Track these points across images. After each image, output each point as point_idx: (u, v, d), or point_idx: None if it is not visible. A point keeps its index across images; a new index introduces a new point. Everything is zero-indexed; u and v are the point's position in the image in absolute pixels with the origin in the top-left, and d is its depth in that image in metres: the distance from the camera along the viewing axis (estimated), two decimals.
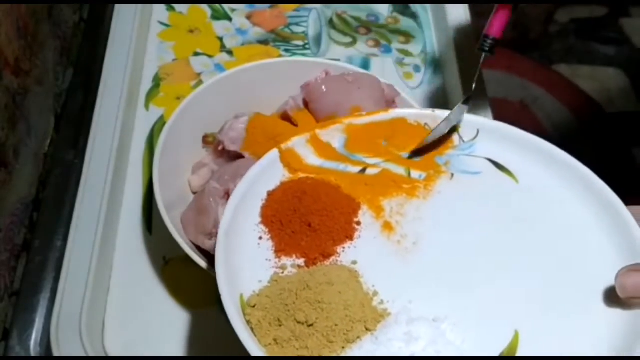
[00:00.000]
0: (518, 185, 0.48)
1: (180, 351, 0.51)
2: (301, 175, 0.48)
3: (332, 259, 0.43)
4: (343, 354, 0.38)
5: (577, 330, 0.40)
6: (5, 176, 0.54)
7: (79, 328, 0.49)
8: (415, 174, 0.49)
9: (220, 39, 0.74)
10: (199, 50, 0.72)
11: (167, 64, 0.71)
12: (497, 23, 0.53)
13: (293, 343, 0.38)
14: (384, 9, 0.78)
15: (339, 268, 0.42)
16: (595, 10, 1.55)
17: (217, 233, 0.50)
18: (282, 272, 0.42)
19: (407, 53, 0.74)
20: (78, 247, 0.53)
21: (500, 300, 0.41)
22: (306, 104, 0.58)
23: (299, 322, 0.38)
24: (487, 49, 0.53)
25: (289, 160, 0.48)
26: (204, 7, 0.77)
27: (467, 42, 0.70)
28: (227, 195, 0.51)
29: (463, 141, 0.50)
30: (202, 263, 0.48)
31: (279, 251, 0.43)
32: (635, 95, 1.40)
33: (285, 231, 0.44)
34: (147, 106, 0.67)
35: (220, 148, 0.56)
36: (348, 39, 0.75)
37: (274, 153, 0.48)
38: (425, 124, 0.51)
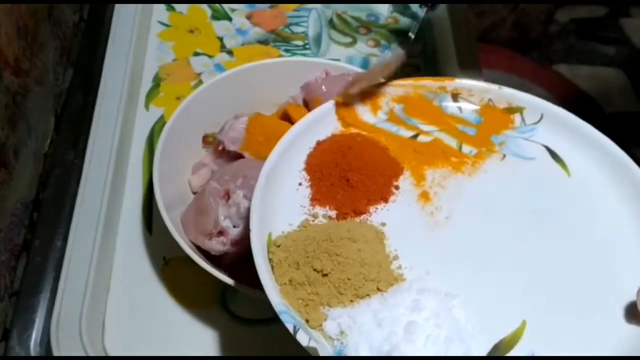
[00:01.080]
0: (569, 179, 0.47)
1: (180, 351, 0.51)
2: (353, 130, 0.49)
3: (363, 217, 0.44)
4: (349, 307, 0.39)
5: (587, 333, 0.39)
6: (5, 176, 0.54)
7: (79, 328, 0.49)
8: (466, 148, 0.49)
9: (220, 39, 0.74)
10: (199, 50, 0.72)
11: (167, 64, 0.71)
12: None
13: (306, 287, 0.40)
14: (384, 9, 0.78)
15: (366, 226, 0.43)
16: (595, 10, 1.55)
17: (217, 233, 0.50)
18: (313, 220, 0.44)
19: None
20: (78, 247, 0.53)
21: (517, 289, 0.41)
22: (306, 104, 0.58)
23: (314, 270, 0.40)
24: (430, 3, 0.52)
25: (344, 113, 0.49)
26: (204, 7, 0.77)
27: (467, 42, 0.70)
28: (227, 195, 0.51)
29: (525, 124, 0.50)
30: (202, 263, 0.48)
31: (314, 200, 0.45)
32: (635, 95, 1.40)
33: (324, 182, 0.45)
34: (147, 106, 0.67)
35: (220, 148, 0.56)
36: (348, 39, 0.75)
37: (329, 104, 0.49)
38: (489, 99, 0.51)
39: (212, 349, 0.52)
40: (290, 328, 0.38)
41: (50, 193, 0.62)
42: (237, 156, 0.55)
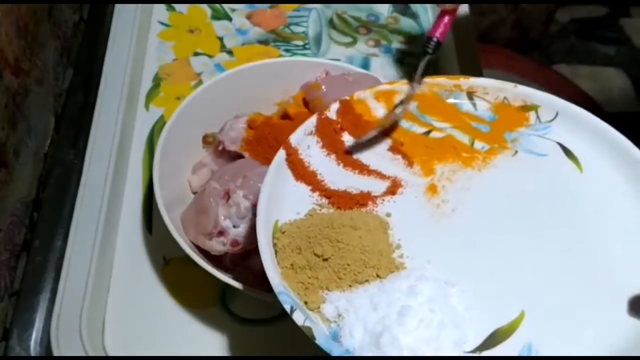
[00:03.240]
0: (581, 175, 0.47)
1: (180, 351, 0.51)
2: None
3: (369, 207, 0.45)
4: (348, 291, 0.40)
5: (587, 326, 0.39)
6: (5, 176, 0.54)
7: (79, 328, 0.49)
8: (478, 144, 0.49)
9: (220, 39, 0.74)
10: (199, 50, 0.72)
11: (167, 64, 0.71)
12: (441, 27, 0.53)
13: (306, 271, 0.41)
14: (384, 9, 0.78)
15: (371, 216, 0.44)
16: (595, 10, 1.55)
17: (217, 233, 0.50)
18: (320, 209, 0.45)
19: (407, 53, 0.74)
20: (78, 247, 0.53)
21: (519, 281, 0.41)
22: (306, 104, 0.58)
23: (315, 255, 0.41)
24: (430, 51, 0.53)
25: (359, 110, 0.50)
26: (204, 7, 0.77)
27: (467, 42, 0.70)
28: (227, 195, 0.51)
29: (539, 121, 0.50)
30: (202, 263, 0.48)
31: (323, 190, 0.46)
32: (635, 95, 1.40)
33: None
34: (147, 106, 0.67)
35: (220, 148, 0.56)
36: (348, 39, 0.75)
37: (335, 105, 0.50)
38: (504, 97, 0.51)
39: (212, 349, 0.52)
40: (288, 308, 0.39)
41: (50, 193, 0.62)
42: (237, 156, 0.55)
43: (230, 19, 0.76)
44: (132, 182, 0.61)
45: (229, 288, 0.51)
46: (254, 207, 0.50)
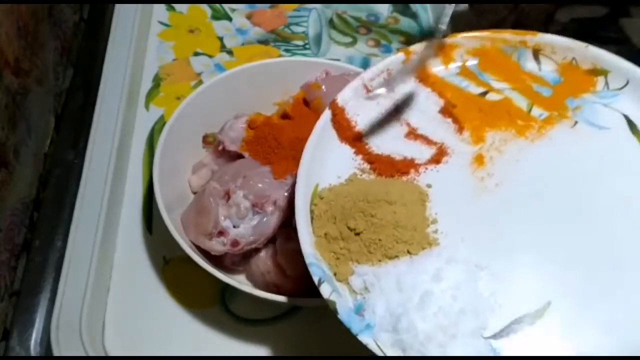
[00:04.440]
0: None
1: (180, 351, 0.51)
2: (419, 82, 0.48)
3: (411, 175, 0.44)
4: (377, 265, 0.40)
5: (612, 327, 0.38)
6: (5, 176, 0.54)
7: (79, 328, 0.49)
8: (536, 110, 0.46)
9: (220, 39, 0.74)
10: (199, 50, 0.72)
11: (167, 64, 0.71)
12: None
13: (339, 242, 0.41)
14: (384, 9, 0.78)
15: (410, 187, 0.43)
16: (595, 10, 1.54)
17: (217, 233, 0.50)
18: (361, 175, 0.44)
19: (407, 53, 0.74)
20: (78, 247, 0.53)
21: (551, 270, 0.39)
22: (306, 103, 0.58)
23: (348, 227, 0.41)
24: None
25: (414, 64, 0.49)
26: (204, 7, 0.77)
27: None
28: (228, 195, 0.51)
29: (608, 88, 0.46)
30: (202, 263, 0.48)
31: (366, 154, 0.45)
32: None
33: None
34: (147, 106, 0.67)
35: (220, 148, 0.56)
36: (348, 39, 0.75)
37: (399, 55, 0.49)
38: (573, 58, 0.48)
39: (212, 349, 0.51)
40: (316, 280, 0.39)
41: (50, 193, 0.62)
42: (237, 156, 0.55)
43: (230, 19, 0.76)
44: (132, 182, 0.61)
45: (229, 288, 0.51)
46: (254, 207, 0.50)
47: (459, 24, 0.71)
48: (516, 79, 0.47)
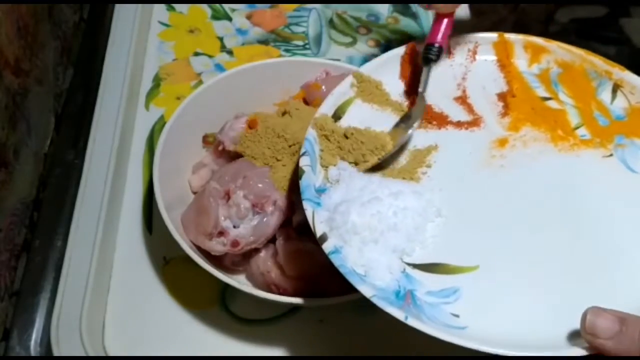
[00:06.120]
0: None
1: (180, 351, 0.51)
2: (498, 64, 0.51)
3: (436, 125, 0.48)
4: (355, 169, 0.44)
5: (526, 311, 0.38)
6: (5, 176, 0.54)
7: (79, 328, 0.49)
8: (582, 130, 0.47)
9: (220, 39, 0.74)
10: (199, 50, 0.72)
11: (167, 64, 0.71)
12: (441, 31, 0.50)
13: (337, 139, 0.46)
14: (384, 9, 0.78)
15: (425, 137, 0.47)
16: (595, 10, 1.55)
17: (217, 233, 0.50)
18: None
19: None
20: (78, 247, 0.53)
21: (498, 244, 0.40)
22: (306, 103, 0.58)
23: (345, 136, 0.46)
24: (434, 57, 0.49)
25: (502, 50, 0.51)
26: (204, 7, 0.77)
27: None
28: (228, 195, 0.51)
29: None
30: (202, 263, 0.48)
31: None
32: None
33: None
34: (147, 106, 0.67)
35: (220, 148, 0.56)
36: (348, 39, 0.75)
37: (493, 35, 0.51)
38: None
39: (212, 349, 0.51)
40: (302, 151, 0.44)
41: (50, 193, 0.62)
42: (237, 156, 0.55)
43: (230, 19, 0.76)
44: (132, 182, 0.61)
45: (229, 288, 0.51)
46: (254, 207, 0.50)
47: (458, 30, 0.71)
48: (584, 101, 0.49)
